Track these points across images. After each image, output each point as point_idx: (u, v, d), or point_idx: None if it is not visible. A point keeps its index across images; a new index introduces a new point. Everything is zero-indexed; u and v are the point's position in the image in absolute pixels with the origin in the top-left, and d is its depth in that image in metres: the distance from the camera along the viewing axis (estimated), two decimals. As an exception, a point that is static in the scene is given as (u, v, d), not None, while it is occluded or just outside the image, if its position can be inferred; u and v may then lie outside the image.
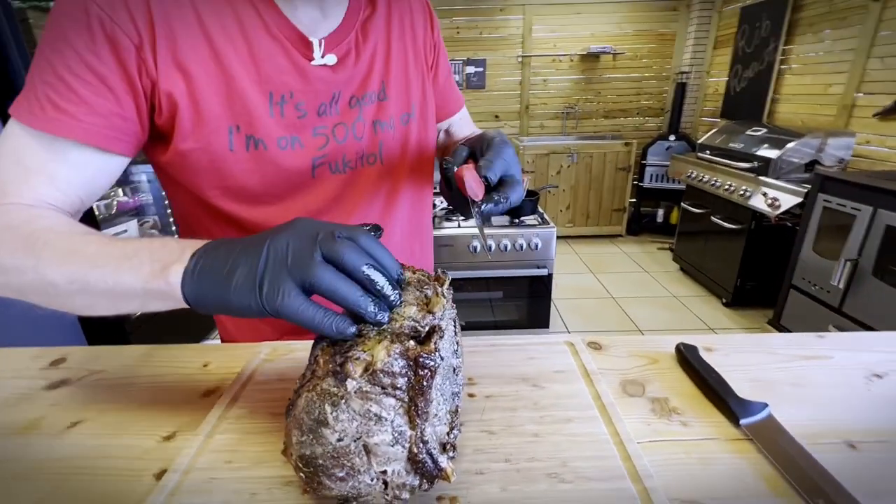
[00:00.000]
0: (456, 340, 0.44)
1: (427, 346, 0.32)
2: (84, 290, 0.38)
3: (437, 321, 0.34)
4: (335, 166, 0.57)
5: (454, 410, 0.38)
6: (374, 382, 0.31)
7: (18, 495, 0.40)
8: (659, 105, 3.84)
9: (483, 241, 1.78)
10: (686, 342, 0.57)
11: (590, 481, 0.37)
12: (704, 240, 2.76)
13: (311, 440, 0.31)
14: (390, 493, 0.32)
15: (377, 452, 0.31)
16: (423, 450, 0.31)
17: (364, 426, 0.30)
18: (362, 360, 0.31)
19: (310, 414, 0.31)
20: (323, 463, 0.31)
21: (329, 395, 0.31)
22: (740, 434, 0.44)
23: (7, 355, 0.62)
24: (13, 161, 0.43)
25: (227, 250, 0.35)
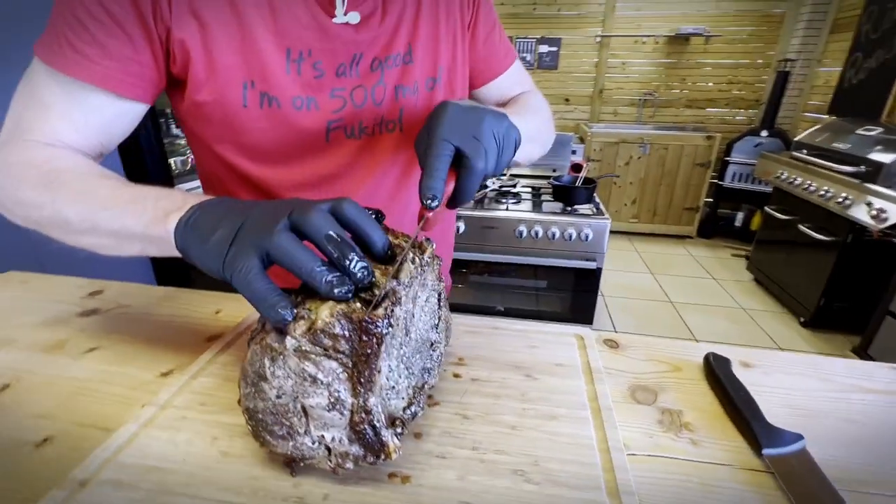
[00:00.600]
0: (439, 315, 0.41)
1: (376, 311, 0.29)
2: (93, 229, 0.41)
3: (398, 287, 0.31)
4: (350, 131, 0.55)
5: (420, 387, 0.36)
6: (315, 343, 0.29)
7: (29, 404, 0.43)
8: (753, 96, 3.43)
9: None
10: (718, 353, 0.50)
11: (558, 486, 0.33)
12: (788, 250, 2.46)
13: (253, 393, 0.31)
14: (333, 461, 0.31)
15: (313, 415, 0.30)
16: (364, 420, 0.29)
17: (299, 386, 0.29)
18: (306, 319, 0.30)
19: (252, 366, 0.31)
20: (263, 418, 0.31)
21: (270, 350, 0.30)
22: (760, 464, 0.38)
23: (57, 281, 0.68)
24: (35, 99, 0.45)
25: (220, 210, 0.35)
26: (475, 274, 1.96)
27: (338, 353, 0.29)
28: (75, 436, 0.40)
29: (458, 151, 0.40)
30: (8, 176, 0.44)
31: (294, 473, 0.33)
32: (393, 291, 0.31)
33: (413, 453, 0.35)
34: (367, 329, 0.29)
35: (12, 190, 0.44)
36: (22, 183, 0.43)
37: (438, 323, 0.40)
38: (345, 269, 0.31)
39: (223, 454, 0.35)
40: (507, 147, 0.45)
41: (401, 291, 0.31)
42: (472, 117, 0.42)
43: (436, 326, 0.40)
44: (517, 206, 1.84)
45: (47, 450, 0.38)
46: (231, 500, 0.31)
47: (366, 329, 0.29)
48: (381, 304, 0.30)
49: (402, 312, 0.32)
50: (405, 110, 0.59)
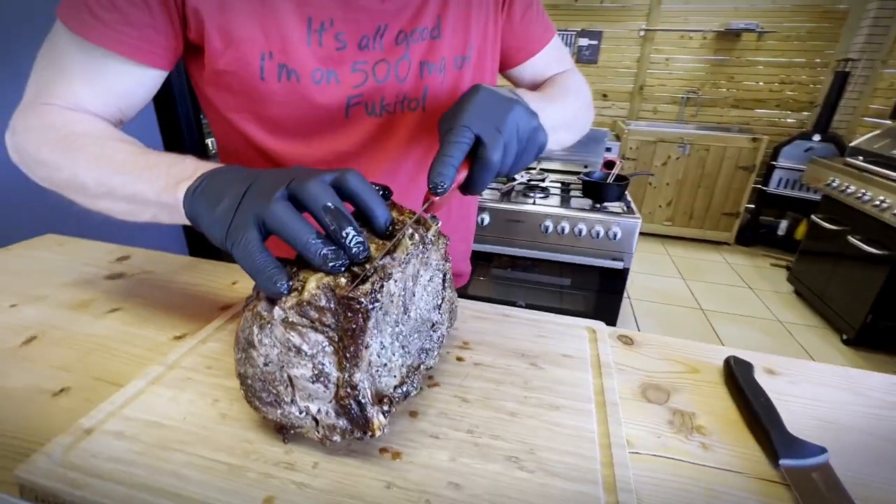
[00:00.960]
0: (443, 296, 0.40)
1: (362, 287, 0.29)
2: (109, 193, 0.41)
3: (390, 263, 0.30)
4: (371, 107, 0.54)
5: (415, 367, 0.35)
6: (302, 314, 0.29)
7: (51, 356, 0.46)
8: (807, 98, 3.23)
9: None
10: (740, 356, 0.47)
11: (552, 476, 0.31)
12: (834, 262, 2.31)
13: (244, 359, 0.31)
14: (321, 432, 0.31)
15: (298, 385, 0.29)
16: (349, 395, 0.29)
17: (284, 356, 0.29)
18: (294, 290, 0.29)
19: (243, 332, 0.31)
20: (252, 384, 0.31)
21: (258, 318, 0.30)
22: (776, 475, 0.35)
23: (89, 246, 0.71)
24: (55, 63, 0.46)
25: (226, 178, 0.34)
26: (498, 267, 1.94)
27: (324, 326, 0.29)
28: (89, 388, 0.41)
29: (477, 140, 0.38)
30: (29, 138, 0.45)
31: (286, 440, 0.33)
32: (383, 267, 0.30)
33: (407, 431, 0.35)
34: (350, 305, 0.28)
35: (34, 151, 0.45)
36: (42, 145, 0.44)
37: (441, 304, 0.40)
38: (340, 243, 0.30)
39: (222, 416, 0.36)
40: (529, 148, 0.43)
41: (393, 268, 0.30)
42: (501, 107, 0.40)
43: (438, 307, 0.39)
44: (545, 201, 1.80)
45: (63, 399, 0.40)
46: (223, 461, 0.32)
47: (349, 305, 0.28)
48: (368, 280, 0.29)
49: (398, 289, 0.31)
50: (430, 89, 0.56)
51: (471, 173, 0.39)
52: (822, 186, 2.45)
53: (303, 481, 0.30)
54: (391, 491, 0.30)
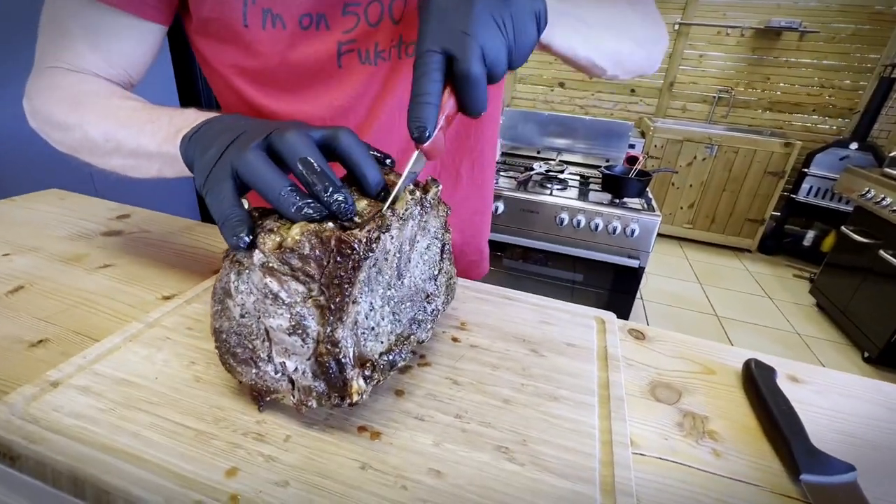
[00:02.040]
0: (440, 268, 0.37)
1: (356, 231, 0.26)
2: (117, 149, 0.41)
3: (390, 215, 0.28)
4: (365, 55, 0.49)
5: (405, 337, 0.33)
6: (283, 261, 0.26)
7: (35, 306, 0.44)
8: (847, 104, 3.08)
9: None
10: (761, 360, 0.43)
11: (544, 472, 0.28)
12: (862, 277, 2.21)
13: (220, 311, 0.29)
14: (296, 395, 0.28)
15: (275, 339, 0.27)
16: (330, 353, 0.26)
17: (261, 304, 0.27)
18: (276, 234, 0.27)
19: (220, 282, 0.28)
20: (227, 339, 0.29)
21: (237, 265, 0.28)
22: (795, 490, 0.32)
23: (90, 202, 0.70)
24: (56, 23, 0.45)
25: (221, 126, 0.34)
26: (510, 259, 1.90)
27: (307, 276, 0.26)
28: (68, 342, 0.40)
29: (448, 56, 0.30)
30: (41, 101, 0.46)
31: (261, 408, 0.31)
32: (381, 217, 0.27)
33: (390, 410, 0.32)
34: (342, 249, 0.25)
35: (46, 113, 0.45)
36: (53, 107, 0.44)
37: (438, 275, 0.37)
38: (319, 199, 0.28)
39: (196, 379, 0.33)
40: (521, 28, 0.32)
41: (391, 219, 0.28)
42: (458, 7, 0.30)
43: (434, 278, 0.36)
44: (562, 193, 1.75)
45: (39, 351, 0.38)
46: (190, 426, 0.29)
47: (341, 249, 0.26)
48: (364, 227, 0.26)
49: (394, 248, 0.29)
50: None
51: (459, 96, 0.31)
52: (855, 197, 2.34)
53: (271, 454, 0.28)
54: (366, 472, 0.27)
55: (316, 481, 0.26)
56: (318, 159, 0.28)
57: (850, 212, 2.41)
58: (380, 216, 0.28)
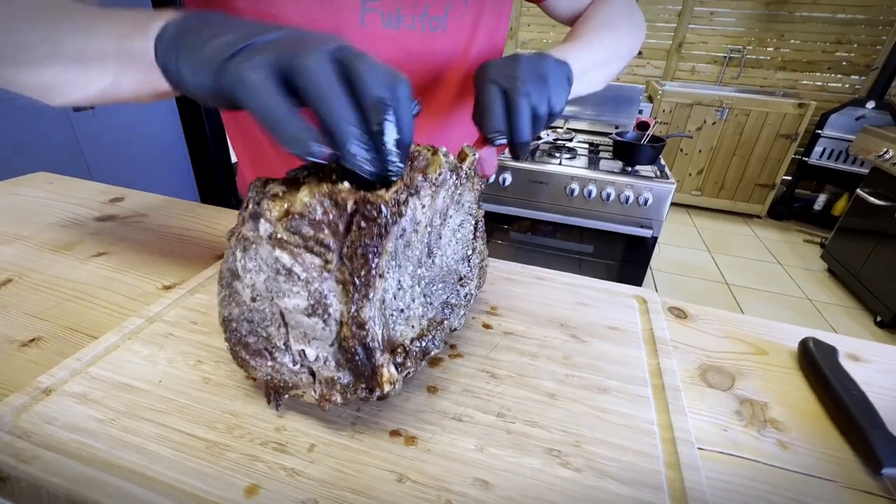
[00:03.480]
0: (474, 247, 0.33)
1: (382, 192, 0.22)
2: (55, 52, 0.31)
3: (420, 179, 0.24)
4: (388, 18, 0.46)
5: (438, 322, 0.29)
6: (293, 229, 0.22)
7: (26, 301, 0.40)
8: (864, 60, 2.94)
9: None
10: (819, 339, 0.40)
11: (604, 478, 0.25)
12: (875, 240, 2.16)
13: (228, 297, 0.25)
14: (318, 390, 0.25)
15: (292, 322, 0.23)
16: (355, 336, 0.23)
17: (273, 282, 0.23)
18: (282, 199, 0.23)
19: (226, 263, 0.25)
20: (237, 328, 0.25)
21: (243, 241, 0.24)
22: (877, 486, 0.28)
23: (81, 185, 0.65)
24: None
25: (227, 19, 0.27)
26: (518, 231, 1.85)
27: (322, 246, 0.22)
28: (63, 340, 0.36)
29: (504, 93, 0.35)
30: None
31: (278, 407, 0.28)
32: (410, 178, 0.23)
33: (423, 410, 0.29)
34: (367, 213, 0.22)
35: None
36: None
37: (472, 255, 0.33)
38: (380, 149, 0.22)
39: (204, 380, 0.30)
40: (556, 83, 0.38)
41: (421, 183, 0.24)
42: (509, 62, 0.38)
43: (468, 259, 0.32)
44: (571, 162, 1.69)
45: (32, 351, 0.35)
46: (201, 436, 0.26)
47: (365, 212, 0.22)
48: (391, 187, 0.22)
49: (425, 219, 0.25)
50: (452, 7, 0.49)
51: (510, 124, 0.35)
52: (871, 158, 2.27)
53: (295, 467, 0.25)
54: (403, 486, 0.24)
55: (348, 498, 0.23)
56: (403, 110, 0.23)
57: (865, 174, 2.34)
58: (409, 176, 0.23)
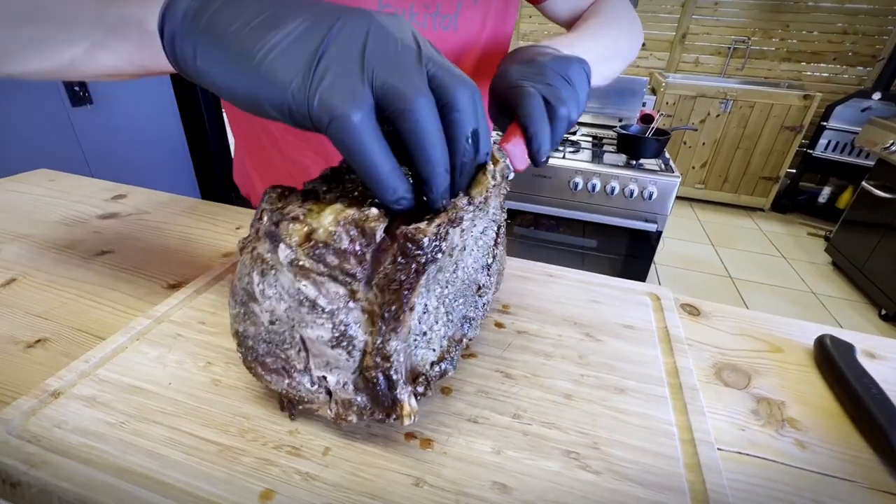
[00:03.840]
0: (494, 254, 0.32)
1: (424, 225, 0.21)
2: (36, 9, 0.24)
3: (464, 207, 0.22)
4: (402, 14, 0.45)
5: (458, 340, 0.28)
6: (316, 258, 0.21)
7: (30, 301, 0.40)
8: (870, 51, 2.91)
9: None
10: (836, 336, 0.39)
11: (625, 480, 0.25)
12: (881, 233, 2.15)
13: (242, 315, 0.24)
14: (334, 409, 0.24)
15: (314, 350, 0.22)
16: (379, 366, 0.22)
17: (295, 312, 0.22)
18: (303, 223, 0.22)
19: (241, 282, 0.24)
20: (254, 346, 0.24)
21: (260, 262, 0.23)
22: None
23: (83, 182, 0.65)
24: None
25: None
26: (520, 226, 1.84)
27: (346, 275, 0.21)
28: (69, 340, 0.36)
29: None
30: None
31: (293, 416, 0.27)
32: (455, 207, 0.22)
33: (438, 412, 0.28)
34: (406, 249, 0.20)
35: None
36: None
37: (492, 263, 0.32)
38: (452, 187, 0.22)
39: (215, 382, 0.29)
40: (581, 89, 0.36)
41: (465, 209, 0.22)
42: (539, 66, 0.35)
43: (488, 267, 0.31)
44: (575, 156, 1.68)
45: (38, 352, 0.34)
46: (213, 440, 0.26)
47: (405, 249, 0.20)
48: (433, 220, 0.21)
49: (460, 241, 0.24)
50: (463, 6, 0.48)
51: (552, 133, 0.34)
52: (877, 150, 2.25)
53: (310, 472, 0.24)
54: (421, 490, 0.24)
55: (365, 503, 0.23)
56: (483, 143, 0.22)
57: (871, 166, 2.32)
58: (453, 208, 0.22)
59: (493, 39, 0.53)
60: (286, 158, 0.55)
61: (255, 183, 0.62)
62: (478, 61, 0.53)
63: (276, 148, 0.55)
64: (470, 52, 0.52)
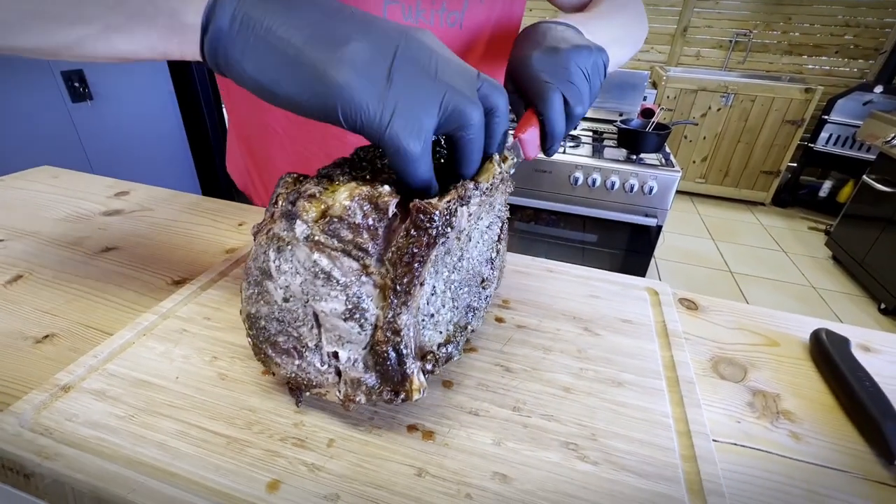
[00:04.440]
0: (497, 248, 0.33)
1: (435, 200, 0.22)
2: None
3: (471, 187, 0.24)
4: (408, 10, 0.46)
5: (462, 326, 0.29)
6: (331, 232, 0.22)
7: (38, 298, 0.40)
8: (872, 43, 2.90)
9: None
10: (831, 330, 0.40)
11: (622, 471, 0.25)
12: (881, 227, 2.15)
13: (256, 295, 0.25)
14: (343, 389, 0.25)
15: (327, 325, 0.23)
16: (389, 341, 0.23)
17: (310, 285, 0.23)
18: (319, 201, 0.22)
19: (256, 261, 0.24)
20: (266, 326, 0.25)
21: (276, 240, 0.23)
22: (890, 477, 0.29)
23: (86, 179, 0.65)
24: None
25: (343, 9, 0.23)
26: (521, 221, 1.85)
27: (360, 250, 0.22)
28: (77, 336, 0.36)
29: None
30: None
31: (299, 403, 0.28)
32: (463, 186, 0.23)
33: (439, 404, 0.29)
34: (419, 222, 0.21)
35: None
36: None
37: (495, 258, 0.33)
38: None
39: (221, 376, 0.30)
40: (595, 82, 0.37)
41: (473, 192, 0.24)
42: (561, 58, 0.35)
43: (491, 261, 0.32)
44: (575, 150, 1.68)
45: (46, 347, 0.35)
46: (220, 432, 0.26)
47: (417, 221, 0.21)
48: (444, 196, 0.23)
49: (467, 226, 0.25)
50: (469, 6, 0.49)
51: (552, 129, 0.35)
52: (879, 144, 2.24)
53: (316, 462, 0.25)
54: (423, 480, 0.24)
55: (370, 493, 0.23)
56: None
57: (872, 160, 2.32)
58: (461, 186, 0.23)
59: (498, 33, 0.54)
60: (287, 149, 0.56)
61: (253, 172, 0.62)
62: (483, 54, 0.54)
63: (278, 138, 0.56)
64: (476, 46, 0.52)
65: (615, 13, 0.53)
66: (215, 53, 0.22)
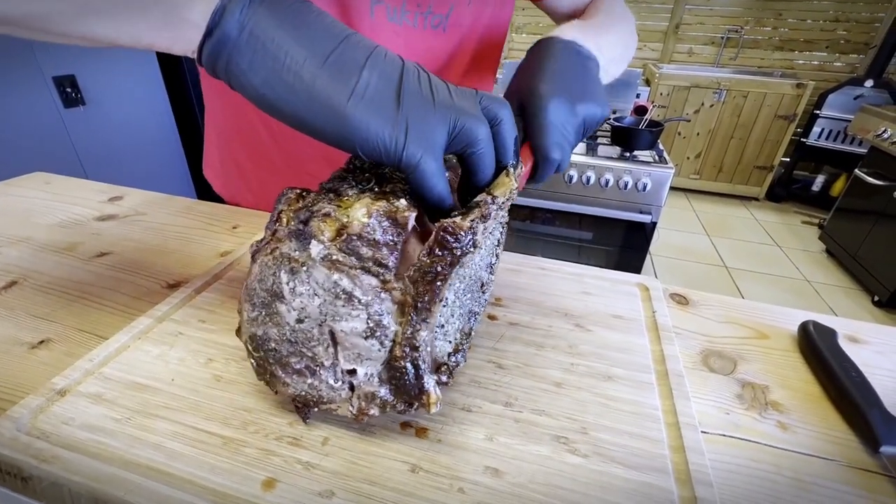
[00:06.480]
0: (497, 253, 0.33)
1: (461, 221, 0.22)
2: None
3: (491, 203, 0.24)
4: (392, 12, 0.46)
5: (467, 333, 0.29)
6: (349, 251, 0.22)
7: (32, 303, 0.41)
8: (862, 38, 2.92)
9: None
10: (819, 322, 0.40)
11: (611, 462, 0.26)
12: (873, 220, 2.17)
13: (264, 317, 0.24)
14: (356, 404, 0.25)
15: (345, 344, 0.23)
16: (407, 356, 0.23)
17: (329, 306, 0.23)
18: (334, 219, 0.23)
19: (263, 283, 0.24)
20: (276, 348, 0.24)
21: (287, 261, 0.23)
22: (875, 464, 0.29)
23: (79, 185, 0.65)
24: None
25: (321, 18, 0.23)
26: (516, 220, 1.85)
27: (380, 266, 0.22)
28: (72, 341, 0.36)
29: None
30: None
31: (306, 419, 0.28)
32: (485, 203, 0.24)
33: (433, 402, 0.29)
34: (445, 242, 0.22)
35: None
36: None
37: (494, 263, 0.33)
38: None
39: (216, 378, 0.30)
40: (588, 131, 0.38)
41: (491, 208, 0.24)
42: (565, 80, 0.35)
43: (491, 267, 0.33)
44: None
45: (42, 352, 0.35)
46: (216, 433, 0.27)
47: (443, 241, 0.22)
48: (467, 215, 0.23)
49: (481, 238, 0.25)
50: (455, 9, 0.49)
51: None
52: (870, 137, 2.26)
53: (310, 461, 0.25)
54: (417, 476, 0.25)
55: (364, 489, 0.24)
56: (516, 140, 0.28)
57: (864, 154, 2.34)
58: (483, 203, 0.24)
59: (486, 37, 0.54)
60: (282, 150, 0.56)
61: (234, 173, 0.62)
62: (471, 59, 0.54)
63: (274, 141, 0.56)
64: (462, 51, 0.52)
65: (612, 27, 0.52)
66: (216, 58, 0.22)
